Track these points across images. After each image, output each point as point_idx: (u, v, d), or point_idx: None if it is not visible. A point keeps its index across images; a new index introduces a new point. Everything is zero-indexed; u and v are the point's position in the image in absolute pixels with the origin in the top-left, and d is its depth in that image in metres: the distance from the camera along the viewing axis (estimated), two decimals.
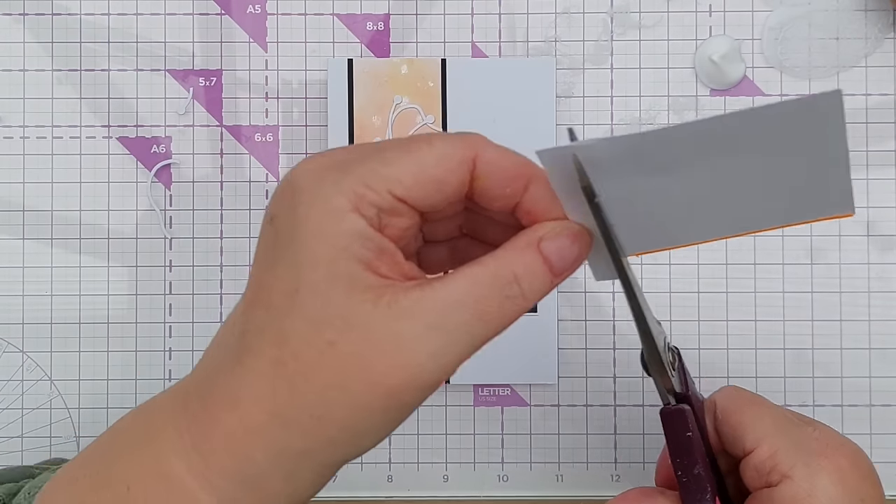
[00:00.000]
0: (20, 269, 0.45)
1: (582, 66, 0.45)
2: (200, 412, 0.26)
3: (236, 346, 0.26)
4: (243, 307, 0.26)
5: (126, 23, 0.45)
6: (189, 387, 0.27)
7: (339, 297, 0.24)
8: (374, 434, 0.26)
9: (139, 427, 0.28)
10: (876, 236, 0.45)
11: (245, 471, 0.25)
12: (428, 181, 0.25)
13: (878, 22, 0.45)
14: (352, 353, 0.24)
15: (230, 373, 0.25)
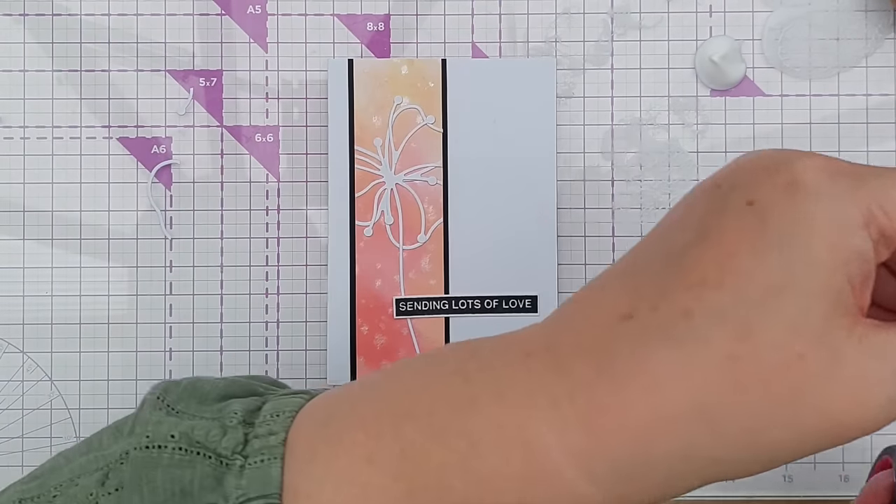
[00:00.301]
0: (20, 269, 0.45)
1: (582, 67, 0.45)
2: (596, 384, 0.23)
3: (672, 325, 0.23)
4: (685, 284, 0.23)
5: (126, 23, 0.45)
6: (556, 349, 0.24)
7: (821, 311, 0.23)
8: (770, 464, 0.24)
9: (477, 374, 0.25)
10: None
11: (636, 464, 0.23)
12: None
13: (879, 22, 0.45)
14: (815, 375, 0.22)
15: (652, 349, 0.23)
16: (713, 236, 0.23)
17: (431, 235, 0.44)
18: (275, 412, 0.27)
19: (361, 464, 0.24)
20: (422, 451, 0.24)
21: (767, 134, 0.45)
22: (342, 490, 0.24)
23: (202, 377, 0.29)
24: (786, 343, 0.22)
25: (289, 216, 0.45)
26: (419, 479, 0.24)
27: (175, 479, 0.25)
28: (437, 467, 0.24)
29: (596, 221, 0.45)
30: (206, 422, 0.27)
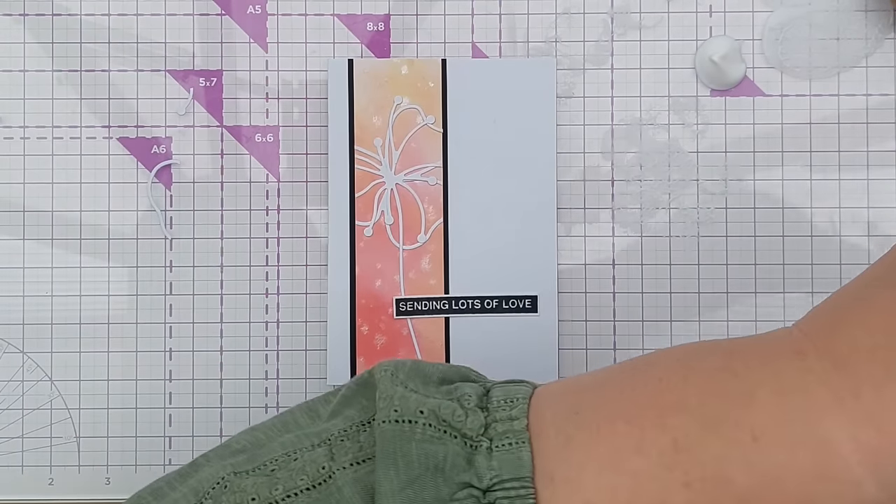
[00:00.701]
0: (20, 269, 0.45)
1: (582, 67, 0.45)
2: (885, 382, 0.23)
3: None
4: None
5: (126, 23, 0.45)
6: (840, 348, 0.24)
7: None
8: None
9: (744, 369, 0.25)
10: (876, 236, 0.45)
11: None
12: None
13: (879, 22, 0.45)
14: None
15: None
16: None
17: (431, 235, 0.44)
18: (506, 398, 0.27)
19: (629, 453, 0.24)
20: (698, 442, 0.24)
21: (767, 134, 0.45)
22: (605, 477, 0.24)
23: (419, 360, 0.30)
24: None
25: (289, 216, 0.45)
26: (696, 470, 0.24)
27: (429, 455, 0.26)
28: (716, 458, 0.24)
29: (596, 222, 0.45)
30: (450, 402, 0.27)
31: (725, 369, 0.25)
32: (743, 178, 0.45)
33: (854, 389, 0.23)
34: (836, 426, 0.23)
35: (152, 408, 0.45)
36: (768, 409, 0.24)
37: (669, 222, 0.45)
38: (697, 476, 0.24)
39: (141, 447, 0.45)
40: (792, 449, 0.23)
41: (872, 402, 0.23)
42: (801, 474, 0.23)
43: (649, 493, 0.24)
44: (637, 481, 0.24)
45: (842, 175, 0.45)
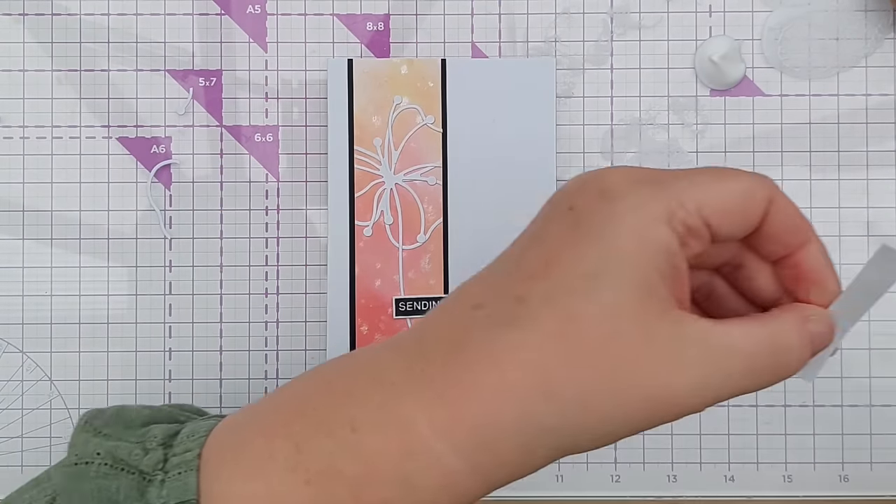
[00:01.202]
0: (20, 269, 0.45)
1: (582, 67, 0.45)
2: (451, 363, 0.26)
3: (509, 311, 0.26)
4: (519, 276, 0.27)
5: (126, 23, 0.45)
6: (422, 339, 0.28)
7: (635, 296, 0.26)
8: (606, 436, 0.27)
9: (355, 371, 0.28)
10: (876, 236, 0.45)
11: (490, 431, 0.26)
12: (734, 210, 0.27)
13: (878, 22, 0.45)
14: (631, 351, 0.25)
15: (495, 334, 0.26)
16: (541, 237, 0.27)
17: (431, 235, 0.44)
18: (191, 434, 0.30)
19: (264, 461, 0.27)
20: (313, 443, 0.27)
21: (767, 134, 0.45)
22: (248, 485, 0.27)
23: (128, 406, 0.33)
24: (604, 322, 0.25)
25: (289, 216, 0.45)
26: (314, 467, 0.27)
27: (102, 489, 0.29)
28: (328, 455, 0.27)
29: None
30: (129, 444, 0.30)
31: (340, 372, 0.29)
32: None
33: (430, 374, 0.26)
34: (414, 407, 0.26)
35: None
36: (365, 400, 0.27)
37: None
38: (314, 472, 0.27)
39: None
40: (382, 433, 0.26)
41: (440, 379, 0.26)
42: (393, 456, 0.26)
43: (279, 494, 0.27)
44: (269, 485, 0.27)
45: (841, 175, 0.45)
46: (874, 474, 0.44)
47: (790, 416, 0.45)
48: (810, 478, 0.44)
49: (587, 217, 0.26)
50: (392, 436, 0.26)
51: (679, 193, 0.26)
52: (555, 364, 0.25)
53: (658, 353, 0.26)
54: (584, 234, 0.26)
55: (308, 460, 0.27)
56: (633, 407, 0.26)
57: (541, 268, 0.26)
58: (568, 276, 0.26)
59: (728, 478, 0.44)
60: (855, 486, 0.44)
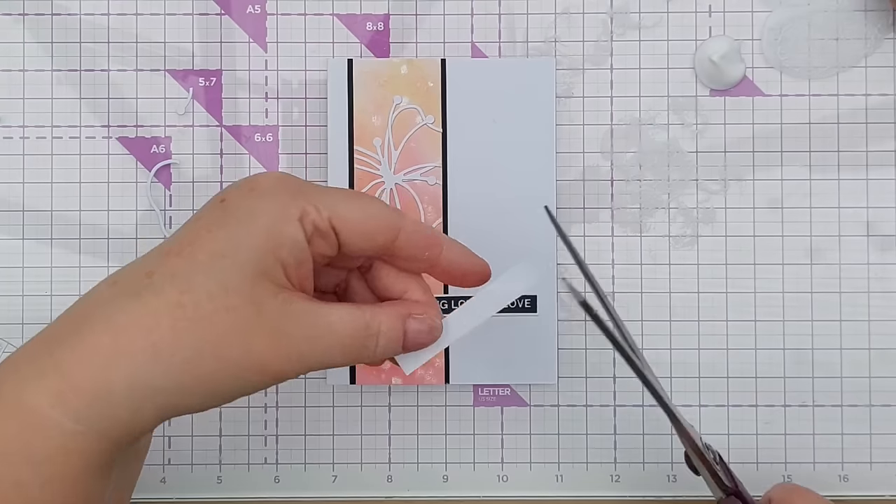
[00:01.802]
0: (20, 269, 0.45)
1: (582, 67, 0.45)
2: (72, 334, 0.29)
3: (137, 284, 0.29)
4: (158, 255, 0.30)
5: (126, 23, 0.45)
6: (56, 320, 0.30)
7: (251, 278, 0.29)
8: (211, 397, 0.30)
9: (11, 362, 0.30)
10: (876, 236, 0.45)
11: (99, 392, 0.28)
12: (359, 228, 0.31)
13: (878, 22, 0.45)
14: (241, 322, 0.29)
15: (119, 304, 0.29)
16: (188, 224, 0.31)
17: None
18: None
19: None
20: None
21: (767, 134, 0.45)
22: None
23: None
24: (219, 296, 0.29)
25: None
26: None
27: None
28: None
29: (596, 221, 0.45)
30: None
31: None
32: (742, 178, 0.45)
33: (48, 349, 0.29)
34: (30, 383, 0.28)
35: None
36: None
37: (669, 222, 0.45)
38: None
39: None
40: (5, 419, 0.28)
41: (59, 353, 0.28)
42: (13, 436, 0.28)
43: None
44: None
45: (841, 175, 0.45)
46: (874, 474, 0.44)
47: (790, 416, 0.45)
48: (810, 478, 0.44)
49: (234, 207, 0.30)
50: (8, 416, 0.28)
51: (315, 199, 0.31)
52: (167, 330, 0.28)
53: (262, 326, 0.29)
54: (225, 221, 0.30)
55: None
56: (240, 370, 0.29)
57: (177, 247, 0.30)
58: (198, 253, 0.29)
59: None
60: (855, 486, 0.44)
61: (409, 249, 0.33)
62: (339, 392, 0.45)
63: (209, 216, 0.31)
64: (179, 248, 0.30)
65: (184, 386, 0.29)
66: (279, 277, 0.30)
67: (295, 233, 0.30)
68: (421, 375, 0.44)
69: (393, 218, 0.32)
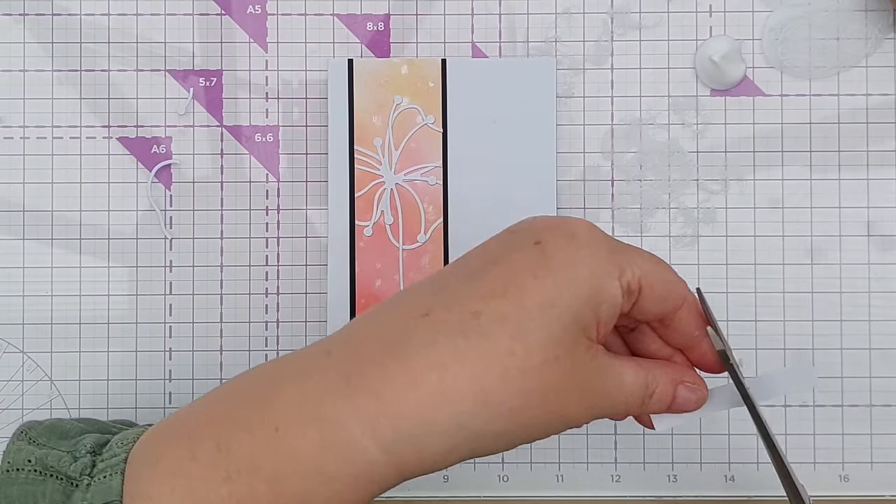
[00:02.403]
0: (20, 269, 0.45)
1: (582, 67, 0.45)
2: (391, 364, 0.28)
3: (461, 322, 0.29)
4: (476, 293, 0.29)
5: (126, 23, 0.45)
6: (362, 340, 0.30)
7: (574, 331, 0.29)
8: (516, 441, 0.30)
9: (283, 375, 0.30)
10: (876, 236, 0.45)
11: (419, 429, 0.28)
12: (658, 293, 0.31)
13: (878, 22, 0.45)
14: (563, 375, 0.29)
15: (443, 341, 0.28)
16: (504, 262, 0.30)
17: (431, 235, 0.44)
18: (120, 441, 0.32)
19: (185, 461, 0.29)
20: (234, 442, 0.29)
21: (767, 134, 0.45)
22: (167, 483, 0.29)
23: (64, 418, 0.35)
24: (549, 347, 0.29)
25: (289, 216, 0.45)
26: (233, 465, 0.29)
27: (28, 494, 0.30)
28: (248, 453, 0.29)
29: (596, 221, 0.45)
30: (59, 452, 0.32)
31: (266, 374, 0.31)
32: (743, 178, 0.45)
33: (361, 369, 0.29)
34: (339, 400, 0.28)
35: (152, 407, 0.45)
36: (288, 402, 0.29)
37: (669, 222, 0.45)
38: (234, 469, 0.29)
39: None
40: (303, 430, 0.28)
41: (375, 377, 0.28)
42: (313, 449, 0.28)
43: (199, 490, 0.29)
44: (191, 482, 0.29)
45: (842, 175, 0.45)
46: (874, 474, 0.44)
47: (790, 416, 0.45)
48: (810, 478, 0.44)
49: (553, 253, 0.30)
50: (314, 432, 0.28)
51: (631, 259, 0.31)
52: (498, 377, 0.28)
53: (576, 380, 0.30)
54: (547, 267, 0.30)
55: (227, 459, 0.29)
56: (546, 420, 0.30)
57: (500, 288, 0.29)
58: (526, 300, 0.29)
59: (728, 478, 0.44)
60: (855, 486, 0.44)
61: (684, 324, 0.33)
62: None
63: (526, 257, 0.30)
64: (502, 289, 0.29)
65: (501, 433, 0.29)
66: (591, 332, 0.30)
67: (615, 291, 0.30)
68: None
69: (683, 288, 0.32)
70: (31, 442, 0.33)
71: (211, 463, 0.29)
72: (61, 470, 0.31)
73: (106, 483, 0.30)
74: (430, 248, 0.44)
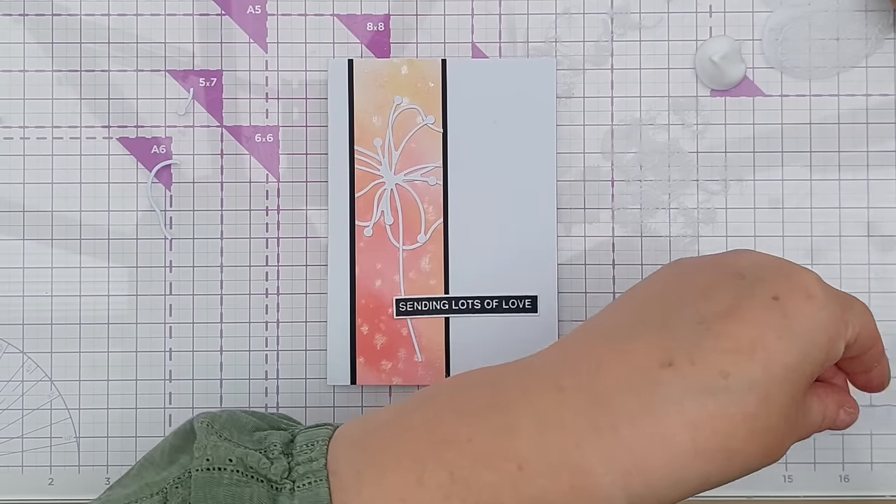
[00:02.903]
0: (20, 269, 0.45)
1: (582, 67, 0.45)
2: (643, 420, 0.29)
3: (711, 382, 0.29)
4: (718, 347, 0.30)
5: (126, 23, 0.45)
6: (605, 391, 0.30)
7: (806, 388, 0.31)
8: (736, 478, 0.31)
9: (509, 405, 0.30)
10: (876, 236, 0.45)
11: (667, 483, 0.29)
12: (865, 342, 0.33)
13: (878, 22, 0.45)
14: (790, 429, 0.31)
15: (692, 398, 0.29)
16: (745, 316, 0.30)
17: (431, 235, 0.44)
18: (308, 442, 0.31)
19: (412, 485, 0.29)
20: (472, 473, 0.29)
21: (767, 134, 0.45)
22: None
23: (236, 411, 0.34)
24: (786, 407, 0.30)
25: (289, 216, 0.45)
26: (471, 497, 0.29)
27: (236, 496, 0.29)
28: (488, 487, 0.29)
29: (596, 221, 0.45)
30: (254, 452, 0.31)
31: (491, 406, 0.30)
32: (743, 178, 0.45)
33: (613, 423, 0.29)
34: (592, 453, 0.29)
35: (152, 408, 0.45)
36: (531, 441, 0.29)
37: (669, 222, 0.45)
38: (472, 502, 0.29)
39: (141, 447, 0.45)
40: (553, 474, 0.29)
41: (629, 433, 0.29)
42: (562, 496, 0.29)
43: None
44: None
45: (842, 175, 0.45)
46: (874, 474, 0.44)
47: None
48: (810, 478, 0.44)
49: (795, 315, 0.31)
50: (564, 478, 0.28)
51: (854, 316, 0.32)
52: (742, 438, 0.29)
53: (791, 429, 0.31)
54: (791, 330, 0.30)
55: (464, 490, 0.29)
56: (765, 463, 0.31)
57: (746, 347, 0.30)
58: (774, 363, 0.30)
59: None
60: (855, 486, 0.44)
61: (869, 358, 0.34)
62: (340, 392, 0.45)
63: (765, 314, 0.30)
64: (748, 347, 0.30)
65: (728, 480, 0.30)
66: (810, 381, 0.32)
67: (841, 348, 0.32)
68: (422, 375, 0.44)
69: (877, 331, 0.34)
70: (223, 437, 0.32)
71: (444, 492, 0.29)
72: (261, 472, 0.30)
73: (311, 490, 0.29)
74: (430, 249, 0.44)
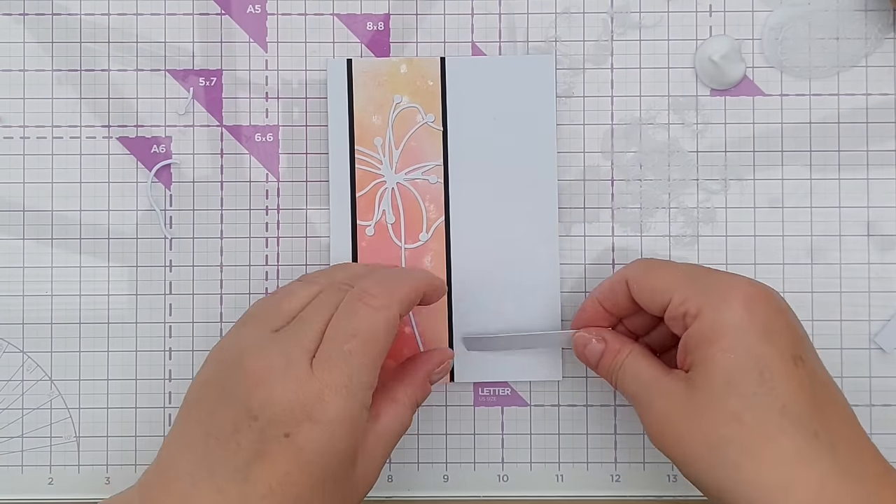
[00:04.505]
0: (20, 269, 0.45)
1: (582, 66, 0.45)
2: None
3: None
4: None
5: (126, 23, 0.45)
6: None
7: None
8: None
9: None
10: (876, 236, 0.45)
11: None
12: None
13: (878, 22, 0.45)
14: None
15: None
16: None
17: (433, 234, 0.44)
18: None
19: None
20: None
21: (767, 133, 0.45)
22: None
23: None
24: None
25: (289, 216, 0.45)
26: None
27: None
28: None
29: (596, 221, 0.45)
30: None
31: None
32: (743, 178, 0.45)
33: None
34: None
35: (152, 407, 0.45)
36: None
37: (669, 222, 0.45)
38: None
39: (140, 447, 0.45)
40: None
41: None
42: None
43: None
44: None
45: (842, 175, 0.45)
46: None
47: None
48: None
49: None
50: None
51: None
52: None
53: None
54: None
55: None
56: None
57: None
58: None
59: None
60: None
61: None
62: None
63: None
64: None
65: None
66: None
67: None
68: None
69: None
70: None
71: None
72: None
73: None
74: (432, 247, 0.44)
